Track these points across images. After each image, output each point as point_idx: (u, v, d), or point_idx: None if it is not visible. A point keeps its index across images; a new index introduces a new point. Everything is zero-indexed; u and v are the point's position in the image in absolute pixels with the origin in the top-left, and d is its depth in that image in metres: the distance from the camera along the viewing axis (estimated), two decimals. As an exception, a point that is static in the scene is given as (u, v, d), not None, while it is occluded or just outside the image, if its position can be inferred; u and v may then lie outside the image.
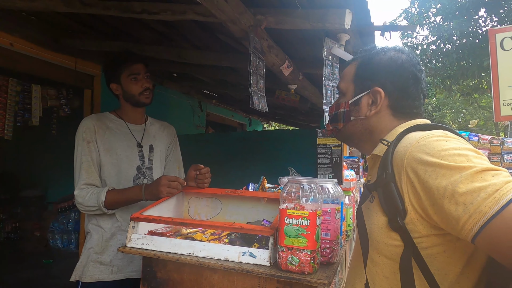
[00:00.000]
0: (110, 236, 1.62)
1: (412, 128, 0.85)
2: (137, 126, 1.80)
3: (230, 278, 1.06)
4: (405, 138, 0.81)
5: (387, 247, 0.79)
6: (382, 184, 0.79)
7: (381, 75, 0.92)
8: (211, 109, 6.02)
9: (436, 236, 0.73)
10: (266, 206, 1.47)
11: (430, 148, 0.72)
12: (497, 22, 8.08)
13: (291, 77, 2.66)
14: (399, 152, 0.78)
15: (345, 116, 0.98)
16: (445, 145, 0.72)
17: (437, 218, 0.70)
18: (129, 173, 1.68)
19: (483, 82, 9.61)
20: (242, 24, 1.74)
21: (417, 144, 0.75)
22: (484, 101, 13.63)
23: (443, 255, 0.74)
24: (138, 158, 1.72)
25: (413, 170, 0.73)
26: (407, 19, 10.51)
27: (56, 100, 4.20)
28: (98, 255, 1.60)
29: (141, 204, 1.60)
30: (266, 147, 4.24)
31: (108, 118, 1.75)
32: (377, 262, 0.82)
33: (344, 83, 1.01)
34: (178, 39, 2.86)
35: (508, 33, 3.13)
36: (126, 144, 1.71)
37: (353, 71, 0.99)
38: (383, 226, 0.79)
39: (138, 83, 1.70)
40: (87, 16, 2.56)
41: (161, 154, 1.83)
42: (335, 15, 1.68)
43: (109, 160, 1.65)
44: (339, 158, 1.85)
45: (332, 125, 1.03)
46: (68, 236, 4.53)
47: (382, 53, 0.95)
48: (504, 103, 3.13)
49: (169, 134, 1.92)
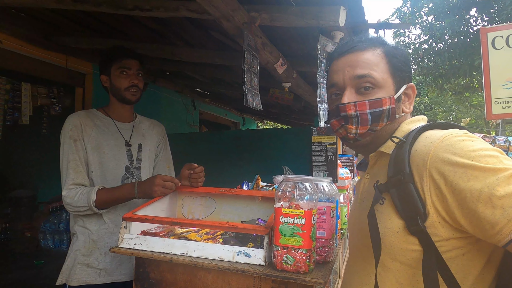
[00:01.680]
0: (97, 239, 1.57)
1: (428, 126, 0.79)
2: (126, 124, 1.74)
3: (224, 278, 1.04)
4: (424, 136, 0.76)
5: (402, 252, 0.74)
6: (397, 185, 0.74)
7: (409, 68, 0.88)
8: (205, 107, 5.99)
9: (457, 239, 0.70)
10: (260, 205, 1.46)
11: (458, 148, 0.68)
12: (488, 21, 8.17)
13: (285, 75, 2.65)
14: (420, 151, 0.73)
15: (390, 114, 0.83)
16: (473, 145, 0.69)
17: (464, 222, 0.67)
18: (117, 172, 1.63)
19: (474, 81, 9.71)
20: (235, 21, 1.73)
21: (442, 144, 0.71)
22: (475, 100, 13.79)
23: (462, 258, 0.71)
24: (126, 157, 1.67)
25: (439, 171, 0.69)
26: (399, 18, 10.58)
27: (47, 99, 4.13)
28: (85, 258, 1.55)
29: (129, 205, 1.58)
30: (260, 145, 4.23)
31: (95, 115, 1.69)
32: (389, 268, 0.77)
33: (377, 72, 0.83)
34: (171, 36, 2.83)
35: (500, 32, 3.16)
36: (114, 142, 1.66)
37: (383, 60, 0.85)
38: (399, 230, 0.74)
39: (126, 78, 1.64)
40: (78, 13, 2.52)
41: (150, 154, 1.78)
42: (329, 12, 1.68)
43: (97, 159, 1.60)
44: (334, 156, 1.85)
45: (370, 126, 0.83)
46: (60, 237, 4.47)
47: (401, 46, 0.92)
48: (495, 102, 3.15)
49: (158, 132, 1.87)
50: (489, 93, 3.09)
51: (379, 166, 0.87)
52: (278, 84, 3.29)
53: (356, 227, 0.92)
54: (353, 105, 0.83)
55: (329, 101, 0.95)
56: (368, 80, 0.83)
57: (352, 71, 0.84)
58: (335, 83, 0.89)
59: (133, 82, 1.64)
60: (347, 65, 0.86)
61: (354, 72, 0.84)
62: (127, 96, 1.66)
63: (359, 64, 0.85)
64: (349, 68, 0.85)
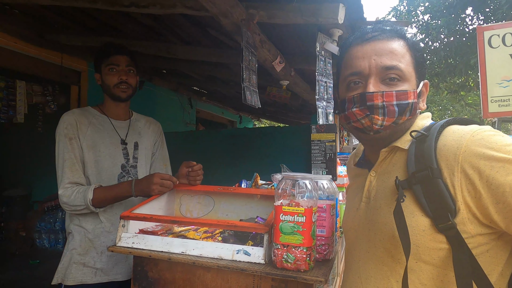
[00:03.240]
0: (93, 237, 1.55)
1: (451, 121, 0.78)
2: (121, 122, 1.72)
3: (224, 277, 1.03)
4: (450, 131, 0.74)
5: (428, 251, 0.72)
6: (423, 180, 0.71)
7: (426, 64, 0.87)
8: (201, 106, 5.97)
9: (482, 236, 0.69)
10: (259, 203, 1.45)
11: (492, 142, 0.67)
12: (483, 20, 8.21)
13: (283, 73, 2.64)
14: (450, 146, 0.71)
15: (413, 109, 0.80)
16: (505, 140, 0.67)
17: (498, 217, 0.66)
18: (113, 171, 1.61)
19: (470, 79, 9.76)
20: (234, 18, 1.71)
21: (473, 138, 0.69)
22: (470, 99, 13.87)
23: (486, 254, 0.70)
24: (122, 155, 1.65)
25: (473, 166, 0.67)
26: (395, 17, 10.61)
27: (42, 97, 4.09)
28: (81, 257, 1.53)
29: (126, 204, 1.56)
30: (257, 144, 4.22)
31: (90, 113, 1.66)
32: (412, 269, 0.74)
33: (404, 65, 0.80)
34: (167, 34, 2.81)
35: (496, 30, 3.17)
36: (110, 141, 1.63)
37: (408, 53, 0.82)
38: (425, 228, 0.71)
39: (115, 74, 1.60)
40: (73, 10, 2.49)
41: (147, 152, 1.76)
42: (328, 9, 1.67)
43: (92, 157, 1.58)
44: (333, 154, 1.84)
45: (397, 118, 0.79)
46: (56, 236, 4.43)
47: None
48: (492, 100, 3.17)
49: (154, 130, 1.84)
50: (486, 91, 3.10)
51: (392, 162, 0.84)
52: (276, 82, 3.28)
53: (364, 228, 0.87)
54: (381, 95, 0.79)
55: (345, 89, 0.88)
56: (396, 72, 0.80)
57: (380, 60, 0.80)
58: (359, 71, 0.83)
59: (121, 78, 1.60)
60: (374, 53, 0.81)
61: (382, 61, 0.80)
62: (117, 93, 1.62)
63: (387, 53, 0.80)
64: (376, 56, 0.81)
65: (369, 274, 0.83)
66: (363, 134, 0.86)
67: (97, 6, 2.03)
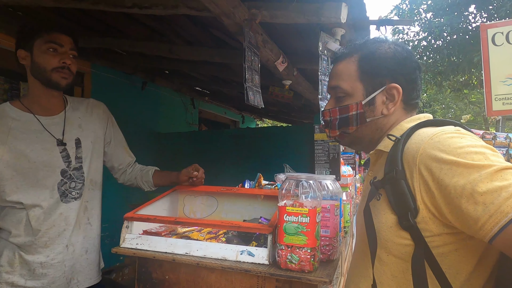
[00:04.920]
0: (24, 253, 1.32)
1: (422, 124, 0.81)
2: (54, 117, 1.40)
3: (228, 278, 1.03)
4: (416, 134, 0.78)
5: (396, 246, 0.77)
6: (391, 181, 0.76)
7: (391, 69, 0.88)
8: (204, 106, 5.97)
9: (448, 235, 0.71)
10: (262, 204, 1.45)
11: (445, 145, 0.70)
12: (487, 18, 8.16)
13: (286, 72, 2.64)
14: (411, 149, 0.75)
15: (359, 119, 0.90)
16: (461, 142, 0.70)
17: (451, 218, 0.68)
18: (49, 181, 1.33)
19: (473, 77, 9.71)
20: (236, 18, 1.71)
21: (431, 141, 0.72)
22: (473, 97, 13.79)
23: (455, 253, 0.72)
24: (61, 159, 1.36)
25: (427, 168, 0.70)
26: (398, 15, 10.57)
27: (45, 98, 4.11)
28: (9, 275, 1.30)
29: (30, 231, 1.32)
30: (260, 144, 4.22)
31: (9, 113, 1.33)
32: (385, 261, 0.79)
33: (346, 82, 0.91)
34: (170, 34, 2.81)
35: (500, 28, 3.15)
36: (41, 146, 1.33)
37: (354, 67, 0.91)
38: (392, 225, 0.77)
39: (56, 56, 1.32)
40: (75, 12, 2.50)
41: (95, 146, 1.49)
42: (330, 8, 1.66)
43: (19, 170, 1.29)
44: (336, 154, 1.83)
45: (340, 130, 0.94)
46: None
47: (385, 46, 0.90)
48: (495, 98, 3.14)
49: (100, 115, 1.55)
50: (489, 89, 3.08)
51: (379, 163, 0.89)
52: (278, 82, 3.27)
53: (358, 223, 0.95)
54: (328, 112, 0.96)
55: None
56: (339, 90, 0.93)
57: (329, 83, 0.97)
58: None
59: (64, 62, 1.33)
60: (329, 77, 0.98)
61: (330, 83, 0.96)
62: (55, 78, 1.33)
63: (332, 75, 0.96)
64: (329, 79, 0.98)
65: (357, 263, 0.92)
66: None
67: (99, 8, 2.03)
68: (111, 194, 3.82)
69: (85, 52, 3.34)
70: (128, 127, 4.01)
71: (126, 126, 4.06)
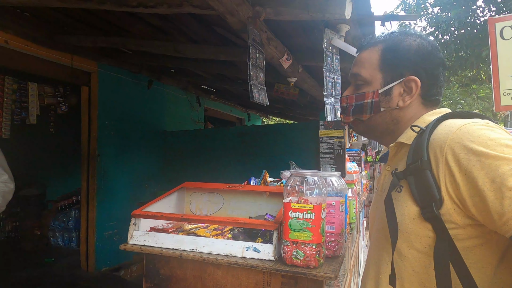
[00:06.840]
0: None
1: (448, 115, 0.80)
2: None
3: (234, 274, 1.04)
4: (443, 124, 0.76)
5: (419, 239, 0.75)
6: (415, 172, 0.74)
7: (414, 62, 0.87)
8: (210, 104, 5.99)
9: (473, 228, 0.70)
10: (268, 200, 1.46)
11: (475, 136, 0.68)
12: (495, 11, 8.03)
13: (291, 69, 2.63)
14: (438, 139, 0.73)
15: (373, 107, 0.90)
16: (491, 134, 0.68)
17: (475, 211, 0.66)
18: None
19: (481, 72, 9.57)
20: (240, 16, 1.71)
21: (459, 132, 0.71)
22: (482, 92, 13.60)
23: (480, 248, 0.70)
24: None
25: (455, 158, 0.69)
26: (404, 10, 10.44)
27: (53, 98, 4.16)
28: None
29: None
30: (266, 141, 4.22)
31: None
32: (405, 256, 0.77)
33: (366, 70, 0.91)
34: (174, 33, 2.83)
35: (508, 22, 3.09)
36: None
37: (377, 57, 0.90)
38: (415, 217, 0.75)
39: None
40: (81, 12, 2.52)
41: None
42: (335, 4, 1.65)
43: None
44: (341, 151, 1.83)
45: (354, 116, 0.93)
46: (69, 234, 4.52)
47: (410, 39, 0.88)
48: (504, 93, 3.09)
49: None
50: (498, 84, 3.03)
51: (399, 156, 0.88)
52: (283, 79, 3.27)
53: (376, 217, 0.93)
54: (345, 98, 0.96)
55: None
56: (358, 78, 0.93)
57: (351, 70, 0.97)
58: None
59: None
60: (352, 64, 0.97)
61: (352, 70, 0.96)
62: None
63: (355, 63, 0.96)
64: (352, 67, 0.97)
65: (374, 260, 0.89)
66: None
67: (105, 7, 2.04)
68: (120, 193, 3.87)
69: (91, 52, 3.37)
70: (134, 125, 4.06)
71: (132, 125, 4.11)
